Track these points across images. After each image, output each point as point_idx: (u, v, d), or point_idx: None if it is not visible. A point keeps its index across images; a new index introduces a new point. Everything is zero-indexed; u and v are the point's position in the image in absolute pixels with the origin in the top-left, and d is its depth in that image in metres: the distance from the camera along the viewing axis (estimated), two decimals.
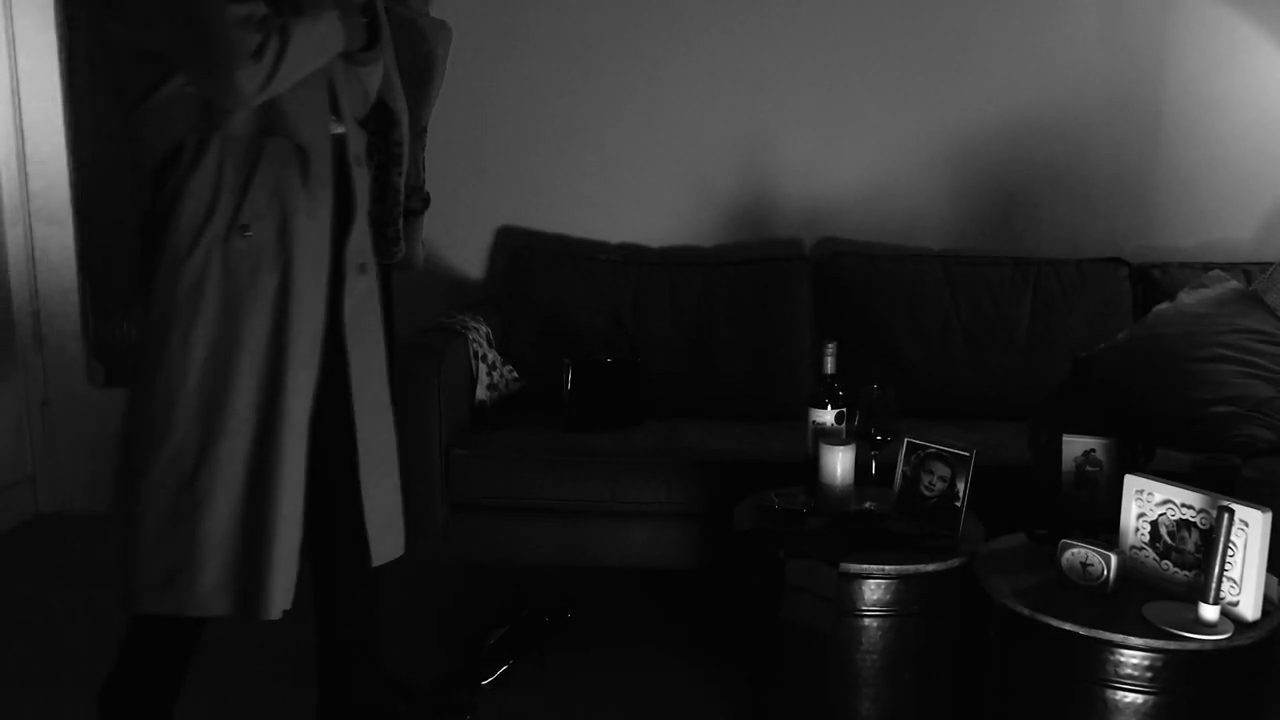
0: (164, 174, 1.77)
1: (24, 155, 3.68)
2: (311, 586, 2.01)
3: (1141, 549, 1.94)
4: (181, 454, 1.80)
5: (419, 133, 3.08)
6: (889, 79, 3.36)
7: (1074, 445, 2.21)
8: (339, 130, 1.92)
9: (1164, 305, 2.92)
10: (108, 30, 1.77)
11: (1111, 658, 1.78)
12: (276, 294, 1.81)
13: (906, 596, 2.12)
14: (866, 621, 2.13)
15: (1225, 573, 1.79)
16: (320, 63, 1.84)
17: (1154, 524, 1.92)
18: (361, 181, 1.96)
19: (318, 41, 1.80)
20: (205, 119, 1.76)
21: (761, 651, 2.30)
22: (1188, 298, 2.91)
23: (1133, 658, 1.77)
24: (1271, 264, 3.02)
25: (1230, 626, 1.77)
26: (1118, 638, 1.77)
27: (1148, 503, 1.93)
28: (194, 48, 1.69)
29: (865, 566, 2.11)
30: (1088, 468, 2.20)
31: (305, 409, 1.86)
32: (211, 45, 1.66)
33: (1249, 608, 1.79)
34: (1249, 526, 1.77)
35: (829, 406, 2.41)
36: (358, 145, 1.97)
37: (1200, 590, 1.78)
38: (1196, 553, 1.86)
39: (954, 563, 2.13)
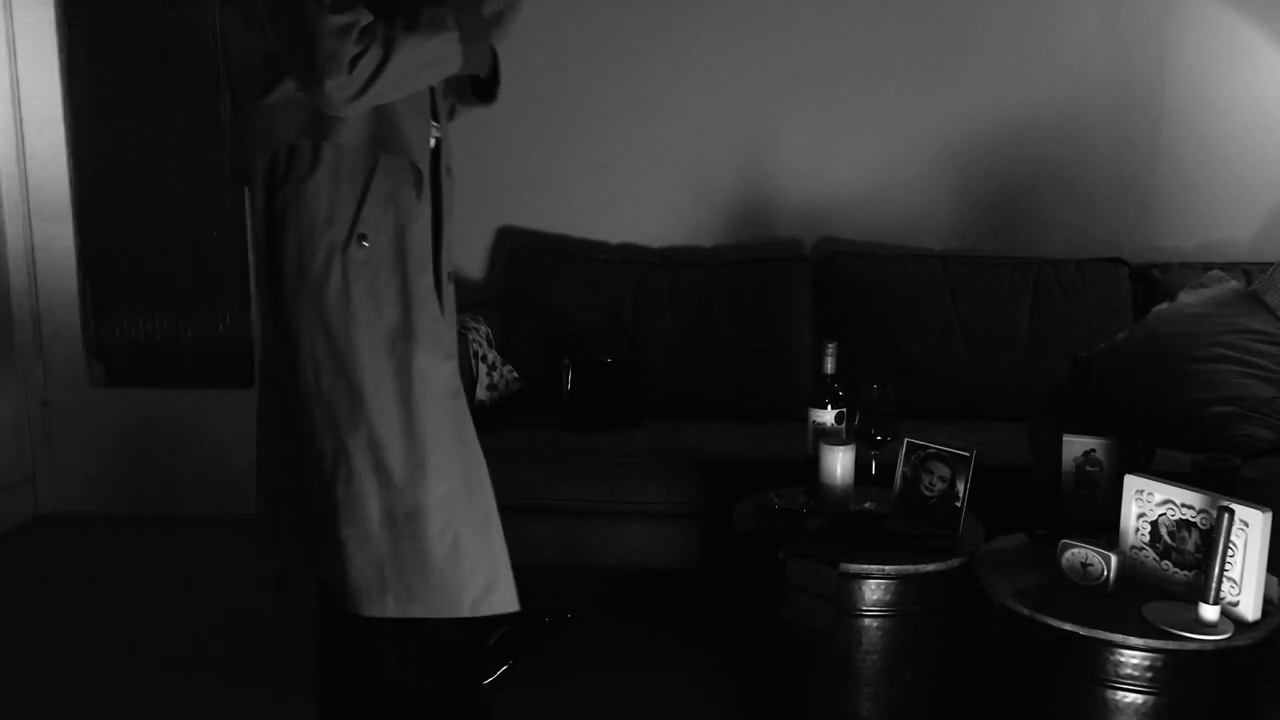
0: (275, 175, 1.77)
1: (24, 155, 3.68)
2: (319, 585, 2.00)
3: (1141, 549, 1.94)
4: (411, 482, 1.81)
5: None
6: (889, 79, 3.36)
7: (1074, 445, 2.21)
8: (436, 136, 1.92)
9: (1164, 305, 2.92)
10: (229, 23, 1.75)
11: (1111, 658, 1.78)
12: (395, 302, 1.81)
13: (906, 597, 2.12)
14: (866, 621, 2.13)
15: (1225, 573, 1.79)
16: (429, 82, 1.82)
17: (1154, 524, 1.92)
18: (450, 190, 1.98)
19: (426, 61, 1.75)
20: (316, 124, 1.75)
21: (761, 651, 2.30)
22: (1188, 298, 2.90)
23: (1133, 658, 1.76)
24: (1271, 264, 3.02)
25: (1230, 626, 1.77)
26: (1118, 638, 1.77)
27: (1148, 503, 1.93)
28: (293, 52, 1.67)
29: (865, 566, 2.11)
30: (1088, 468, 2.20)
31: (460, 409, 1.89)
32: (308, 51, 1.64)
33: (1249, 608, 1.79)
34: (1249, 526, 1.77)
35: (829, 406, 2.41)
36: (449, 154, 1.98)
37: (1200, 590, 1.78)
38: (1196, 553, 1.86)
39: (954, 563, 2.13)
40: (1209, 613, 1.76)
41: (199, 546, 3.51)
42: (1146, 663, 1.76)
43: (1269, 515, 1.77)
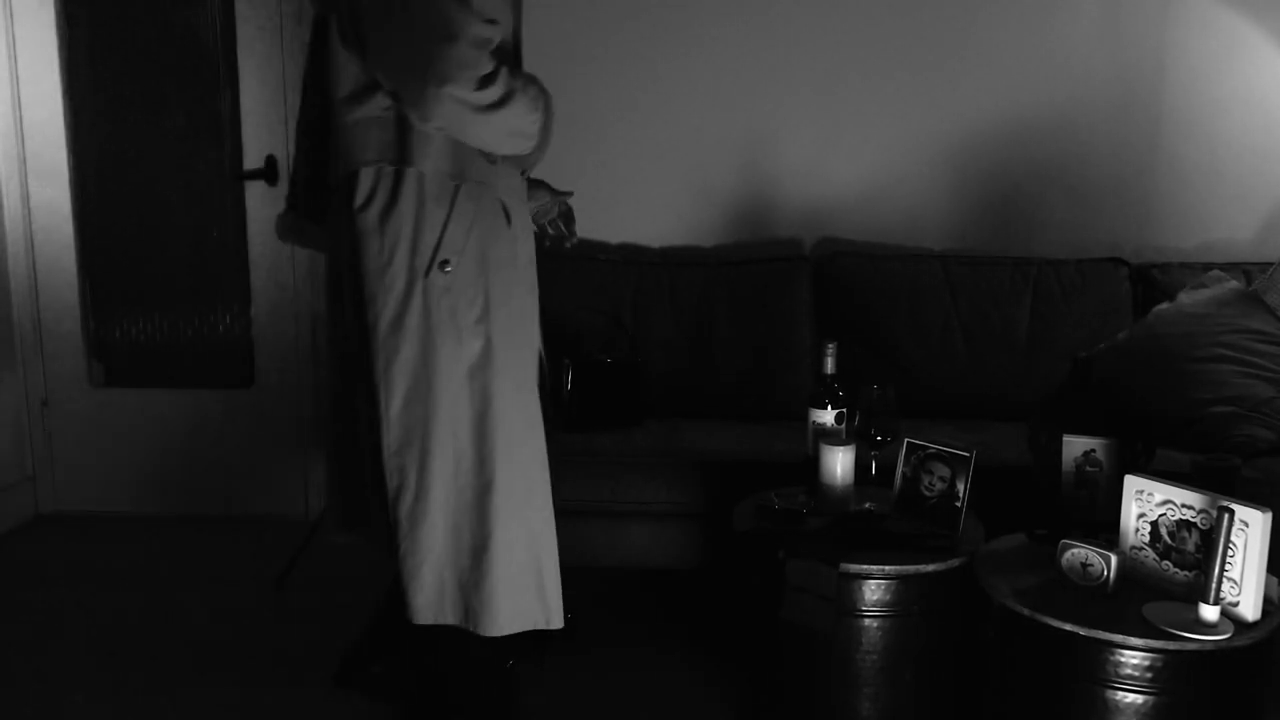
0: (356, 196, 1.77)
1: (24, 155, 3.68)
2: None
3: (1141, 549, 1.94)
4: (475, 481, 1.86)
5: None
6: (889, 79, 3.36)
7: (1074, 445, 2.20)
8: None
9: (1164, 305, 2.92)
10: (328, 33, 1.75)
11: (1111, 658, 1.78)
12: (476, 329, 1.82)
13: (906, 597, 2.12)
14: (866, 622, 2.13)
15: (1225, 573, 1.79)
16: (500, 148, 1.83)
17: (1154, 524, 1.92)
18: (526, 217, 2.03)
19: (519, 128, 1.80)
20: (399, 149, 1.75)
21: (761, 651, 2.30)
22: (1187, 298, 2.90)
23: (1133, 658, 1.76)
24: (1271, 264, 3.02)
25: (1230, 627, 1.77)
26: (1118, 638, 1.77)
27: (1148, 503, 1.93)
28: (422, 49, 1.64)
29: (865, 567, 2.10)
30: (1088, 468, 2.19)
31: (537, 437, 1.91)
32: (442, 50, 1.62)
33: (1249, 608, 1.79)
34: (1249, 527, 1.77)
35: (829, 406, 2.41)
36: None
37: (1200, 590, 1.78)
38: (1196, 553, 1.86)
39: (954, 563, 2.13)
40: (1209, 613, 1.76)
41: (199, 546, 3.51)
42: (1146, 663, 1.76)
43: (1269, 515, 1.77)
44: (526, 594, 1.89)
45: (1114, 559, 1.87)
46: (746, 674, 2.47)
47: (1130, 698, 1.78)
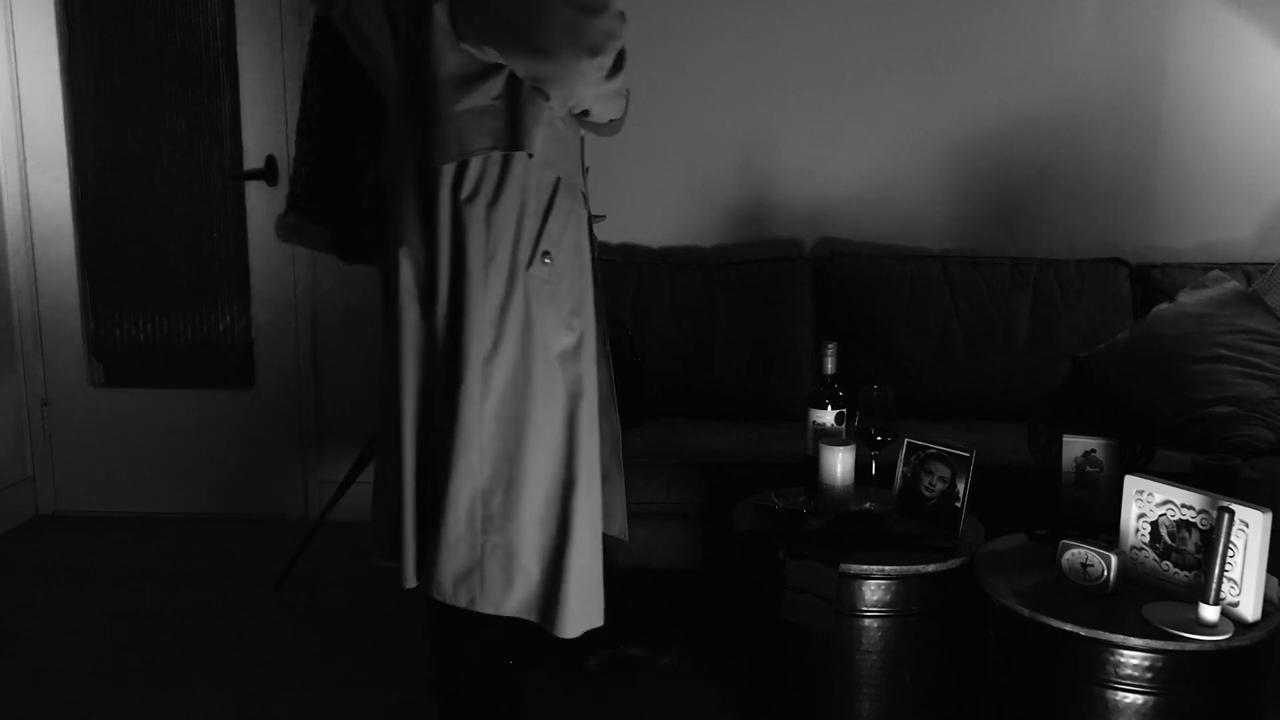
0: (462, 186, 1.77)
1: (24, 155, 3.68)
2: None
3: (1141, 549, 1.94)
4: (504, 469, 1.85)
5: None
6: (889, 79, 3.36)
7: (1074, 445, 2.20)
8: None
9: (1164, 305, 2.92)
10: (431, 26, 1.75)
11: (1111, 658, 1.78)
12: (571, 320, 1.84)
13: (906, 597, 2.12)
14: (866, 622, 2.13)
15: (1225, 573, 1.79)
16: (603, 115, 1.89)
17: (1154, 524, 1.92)
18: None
19: (619, 90, 1.86)
20: (510, 136, 1.76)
21: (762, 652, 2.30)
22: (1187, 298, 2.90)
23: (1133, 658, 1.76)
24: (1271, 264, 3.02)
25: (1230, 627, 1.77)
26: (1118, 638, 1.77)
27: (1148, 503, 1.93)
28: (568, 22, 1.69)
29: (865, 567, 2.10)
30: (1088, 468, 2.19)
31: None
32: (588, 22, 1.69)
33: (1249, 608, 1.79)
34: (1249, 527, 1.77)
35: (829, 407, 2.41)
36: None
37: (1200, 591, 1.78)
38: (1196, 553, 1.86)
39: (954, 563, 2.13)
40: (1209, 613, 1.76)
41: (199, 547, 3.51)
42: (1146, 663, 1.76)
43: (1269, 515, 1.77)
44: (594, 595, 1.90)
45: (1114, 559, 1.87)
46: (747, 674, 2.47)
47: (1130, 698, 1.78)
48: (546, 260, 1.80)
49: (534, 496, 1.84)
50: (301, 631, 2.89)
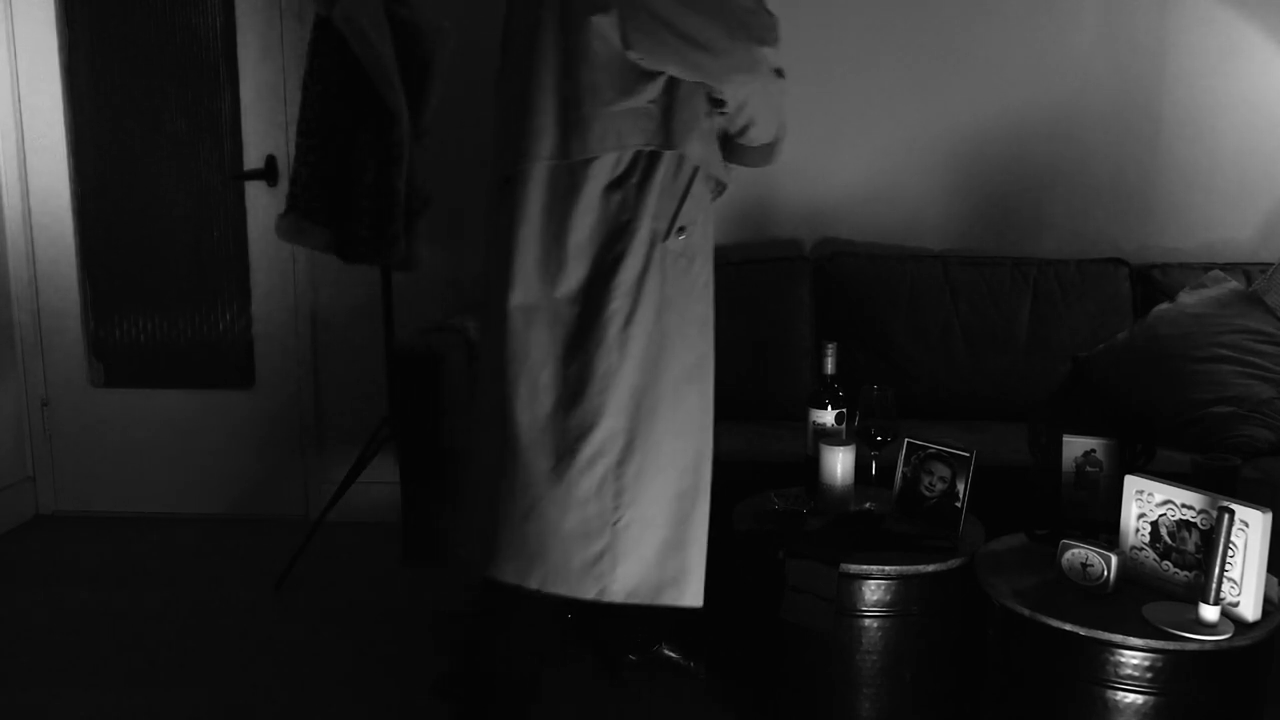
0: (613, 175, 1.91)
1: (24, 155, 3.68)
2: None
3: (1142, 549, 1.94)
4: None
5: (419, 133, 3.08)
6: (889, 78, 3.35)
7: (1074, 445, 2.20)
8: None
9: (1164, 305, 2.92)
10: (593, 33, 1.86)
11: (1111, 658, 1.78)
12: (703, 293, 2.01)
13: (906, 597, 2.12)
14: (866, 622, 2.13)
15: (1225, 573, 1.79)
16: (770, 119, 2.11)
17: (1154, 524, 1.92)
18: None
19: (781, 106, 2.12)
20: (663, 135, 1.91)
21: (762, 652, 2.30)
22: (1188, 298, 2.90)
23: (1133, 658, 1.76)
24: (1271, 264, 3.02)
25: (1230, 627, 1.77)
26: (1118, 638, 1.77)
27: (1148, 503, 1.93)
28: (739, 18, 1.90)
29: (865, 567, 2.11)
30: (1088, 468, 2.19)
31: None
32: (752, 19, 1.91)
33: (1249, 608, 1.79)
34: (1249, 527, 1.77)
35: (829, 407, 2.41)
36: None
37: (1200, 591, 1.78)
38: (1197, 553, 1.86)
39: (954, 563, 2.13)
40: (1209, 613, 1.76)
41: (199, 547, 3.51)
42: (1147, 663, 1.76)
43: (1269, 515, 1.77)
44: (701, 568, 1.98)
45: (1114, 559, 1.87)
46: (747, 674, 2.47)
47: (1130, 698, 1.78)
48: (681, 235, 1.94)
49: (665, 467, 1.92)
50: (301, 632, 2.89)
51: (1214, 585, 1.75)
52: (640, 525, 1.90)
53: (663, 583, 1.93)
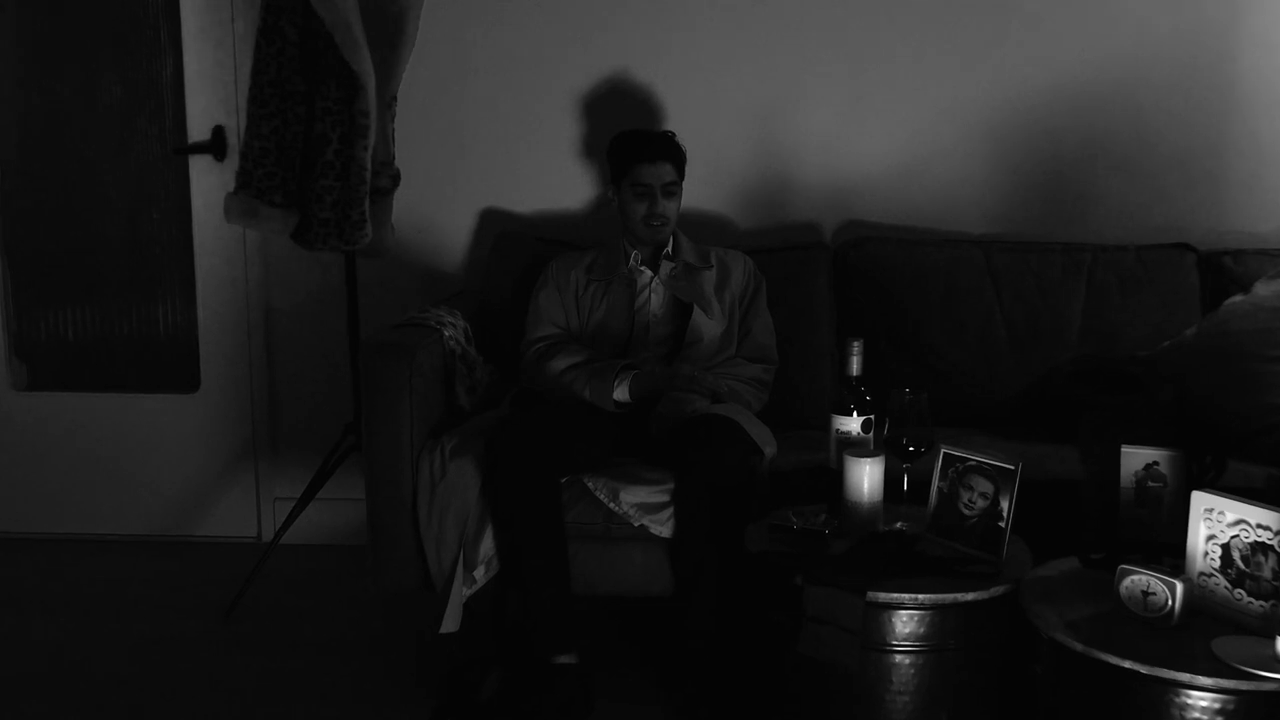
0: None
1: None
2: None
3: (1211, 576, 1.94)
4: None
5: (388, 102, 3.08)
6: (922, 41, 3.35)
7: (1134, 457, 2.20)
8: None
9: (1237, 297, 2.93)
10: None
11: (1177, 699, 1.78)
12: None
13: (943, 629, 2.12)
14: (897, 658, 2.13)
15: None
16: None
17: (1225, 547, 1.92)
18: None
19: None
20: None
21: (776, 690, 2.30)
22: (1264, 289, 2.91)
23: (1201, 699, 1.76)
24: None
25: None
26: (1184, 677, 1.77)
27: (1218, 523, 1.93)
28: None
29: (895, 595, 2.11)
30: (1150, 483, 2.20)
31: None
32: None
33: None
34: None
35: (854, 413, 2.41)
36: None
37: (1278, 623, 1.78)
38: (1274, 580, 1.86)
39: (997, 591, 2.13)
40: None
41: (137, 573, 3.51)
42: (1217, 705, 1.76)
43: None
44: None
45: (1179, 587, 1.87)
46: (759, 715, 2.47)
47: None
48: None
49: None
50: (253, 665, 2.89)
51: None
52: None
53: None
